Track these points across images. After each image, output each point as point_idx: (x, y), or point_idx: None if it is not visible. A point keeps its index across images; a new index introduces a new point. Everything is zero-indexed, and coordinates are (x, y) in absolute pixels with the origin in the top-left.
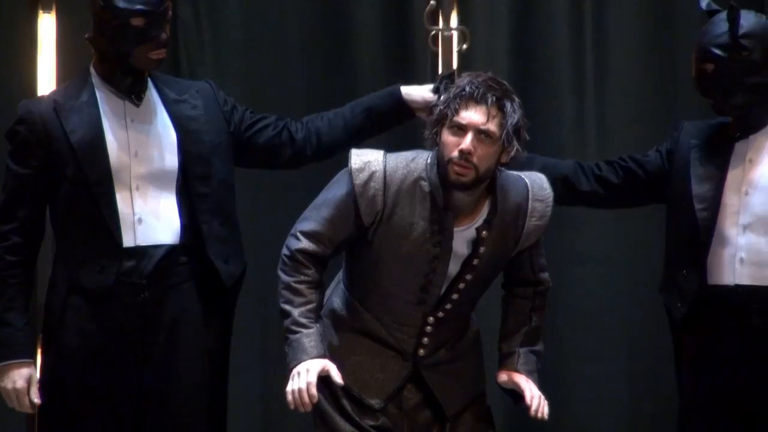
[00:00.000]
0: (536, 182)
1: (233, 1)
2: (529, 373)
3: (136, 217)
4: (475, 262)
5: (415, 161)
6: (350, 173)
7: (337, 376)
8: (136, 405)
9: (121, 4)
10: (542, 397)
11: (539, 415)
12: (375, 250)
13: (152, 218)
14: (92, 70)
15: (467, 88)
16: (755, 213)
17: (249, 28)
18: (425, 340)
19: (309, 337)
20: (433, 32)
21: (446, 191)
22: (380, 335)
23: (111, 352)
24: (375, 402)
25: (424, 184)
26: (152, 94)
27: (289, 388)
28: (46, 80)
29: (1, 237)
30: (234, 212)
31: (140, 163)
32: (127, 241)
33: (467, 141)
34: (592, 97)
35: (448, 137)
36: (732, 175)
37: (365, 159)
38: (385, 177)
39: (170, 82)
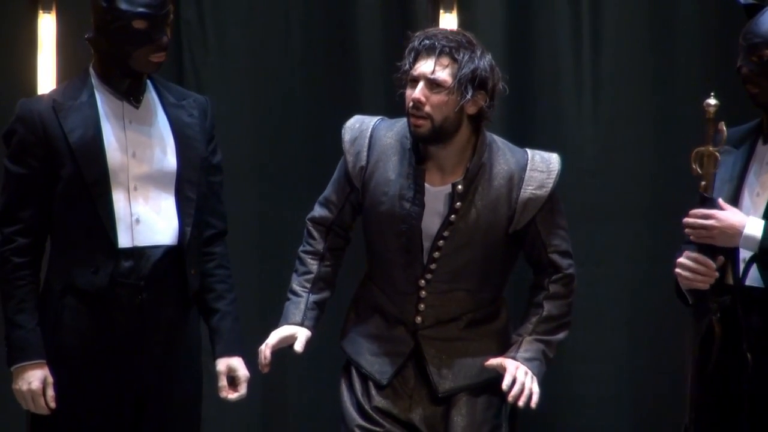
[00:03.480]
0: (542, 155)
1: (237, 3)
2: (526, 361)
3: (134, 218)
4: (453, 218)
5: (404, 122)
6: (343, 129)
7: (298, 345)
8: (134, 405)
9: (124, 6)
10: (527, 384)
11: (520, 402)
12: (366, 212)
13: (151, 219)
14: (92, 70)
15: (416, 42)
16: (761, 215)
17: (252, 30)
18: (421, 306)
19: (295, 304)
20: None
21: (422, 147)
22: (387, 308)
23: (109, 353)
24: (381, 378)
25: (406, 141)
26: (152, 97)
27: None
28: (46, 80)
29: (6, 239)
30: (202, 228)
31: (138, 164)
32: (124, 242)
33: (416, 90)
34: (590, 95)
35: (407, 92)
36: (751, 177)
37: (361, 119)
38: (371, 134)
39: (170, 86)
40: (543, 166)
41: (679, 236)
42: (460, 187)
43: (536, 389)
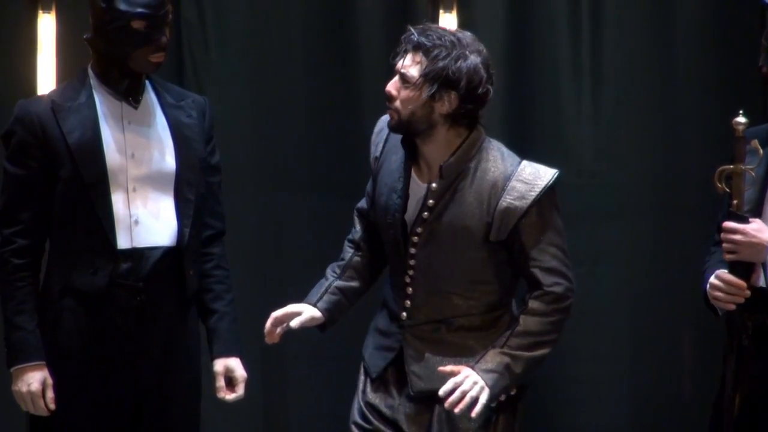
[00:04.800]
0: (535, 168)
1: (237, 3)
2: (483, 371)
3: (133, 219)
4: (426, 215)
5: None
6: (377, 122)
7: (295, 321)
8: (133, 406)
9: (123, 7)
10: (472, 393)
11: (456, 410)
12: (374, 204)
13: (150, 220)
14: (90, 71)
15: (404, 36)
16: None
17: (253, 30)
18: (407, 302)
19: (319, 285)
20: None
21: (414, 142)
22: (389, 303)
23: (108, 354)
24: (373, 371)
25: None
26: (151, 97)
27: None
28: (46, 80)
29: (5, 241)
30: (200, 229)
31: (137, 164)
32: (123, 243)
33: (389, 83)
34: (590, 94)
35: None
36: None
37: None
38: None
39: (169, 87)
40: (530, 177)
41: (680, 236)
42: (434, 185)
43: (483, 399)
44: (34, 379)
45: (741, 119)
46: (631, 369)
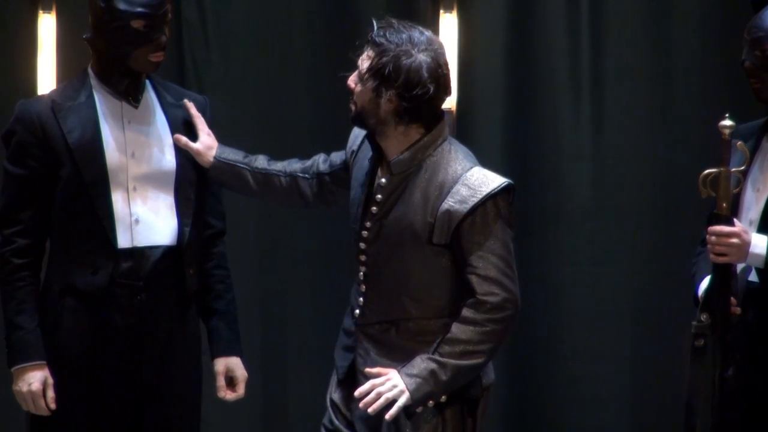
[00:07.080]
0: (484, 174)
1: (238, 2)
2: (406, 375)
3: (133, 218)
4: (374, 209)
5: None
6: None
7: (183, 140)
8: (134, 406)
9: (122, 6)
10: (388, 394)
11: (370, 410)
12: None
13: (150, 219)
14: (90, 71)
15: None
16: (761, 211)
17: (254, 29)
18: (361, 300)
19: (245, 155)
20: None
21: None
22: (351, 301)
23: (109, 353)
24: (339, 373)
25: None
26: (151, 97)
27: None
28: (46, 80)
29: (6, 240)
30: (201, 228)
31: (137, 164)
32: (123, 242)
33: (350, 77)
34: (590, 94)
35: None
36: (754, 171)
37: None
38: None
39: (168, 86)
40: (475, 183)
41: (680, 236)
42: (383, 180)
43: (400, 402)
44: (35, 379)
45: (727, 122)
46: (632, 369)
